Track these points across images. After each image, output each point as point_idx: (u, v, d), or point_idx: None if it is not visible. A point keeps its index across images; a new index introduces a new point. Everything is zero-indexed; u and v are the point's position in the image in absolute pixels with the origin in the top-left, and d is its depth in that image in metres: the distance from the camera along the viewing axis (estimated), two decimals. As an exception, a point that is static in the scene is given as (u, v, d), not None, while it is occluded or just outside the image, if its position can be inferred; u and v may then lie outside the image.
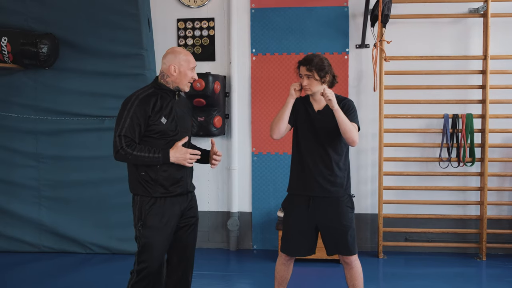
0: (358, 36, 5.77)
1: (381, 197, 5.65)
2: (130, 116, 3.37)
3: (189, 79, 3.53)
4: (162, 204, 3.45)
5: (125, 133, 3.36)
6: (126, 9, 5.47)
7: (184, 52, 3.57)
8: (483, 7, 5.48)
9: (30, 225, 5.86)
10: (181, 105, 3.61)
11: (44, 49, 5.49)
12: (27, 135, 5.83)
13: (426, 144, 5.73)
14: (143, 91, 3.50)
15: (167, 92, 3.52)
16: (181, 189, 3.51)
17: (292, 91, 3.66)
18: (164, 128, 3.43)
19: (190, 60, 3.54)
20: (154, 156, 3.36)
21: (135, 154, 3.35)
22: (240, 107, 5.98)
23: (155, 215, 3.44)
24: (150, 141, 3.43)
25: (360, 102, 5.74)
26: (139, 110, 3.37)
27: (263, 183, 5.96)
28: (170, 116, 3.46)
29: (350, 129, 3.57)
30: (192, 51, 5.96)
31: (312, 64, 3.60)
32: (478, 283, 5.12)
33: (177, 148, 3.41)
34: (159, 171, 3.42)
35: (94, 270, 5.39)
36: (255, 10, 5.90)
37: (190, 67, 3.53)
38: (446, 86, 5.67)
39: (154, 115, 3.40)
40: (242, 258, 5.81)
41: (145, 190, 3.45)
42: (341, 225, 3.70)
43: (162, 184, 3.44)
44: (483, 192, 5.58)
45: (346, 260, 3.76)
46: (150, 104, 3.40)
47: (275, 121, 3.71)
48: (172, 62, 3.48)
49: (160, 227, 3.44)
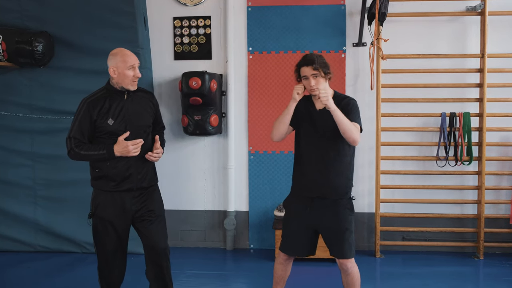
0: (355, 34, 5.75)
1: (378, 196, 5.64)
2: (79, 120, 3.65)
3: (131, 78, 3.68)
4: (111, 197, 3.72)
5: (74, 135, 3.66)
6: (122, 7, 5.46)
7: (121, 53, 3.68)
8: (481, 5, 5.47)
9: (26, 225, 5.84)
10: (135, 103, 3.74)
11: (39, 47, 5.47)
12: (22, 134, 5.81)
13: (423, 143, 5.72)
14: (94, 94, 3.74)
15: (116, 93, 3.70)
16: (129, 185, 3.71)
17: (295, 95, 3.63)
18: (112, 128, 3.64)
19: (126, 60, 3.65)
20: (100, 153, 3.62)
21: (83, 153, 3.65)
22: (237, 105, 5.96)
23: (104, 207, 3.73)
24: (102, 141, 3.67)
25: (357, 101, 5.69)
26: (85, 115, 3.63)
27: (260, 182, 5.94)
28: (119, 116, 3.65)
29: (349, 128, 3.53)
30: (188, 50, 5.94)
31: (317, 62, 3.58)
32: (476, 282, 5.11)
33: (118, 143, 3.61)
34: (109, 168, 3.67)
35: (90, 269, 5.34)
36: (252, 8, 5.87)
37: (127, 67, 3.65)
38: (444, 84, 5.66)
39: (100, 118, 3.64)
40: (238, 257, 5.79)
41: (98, 184, 3.77)
42: (339, 228, 3.66)
43: (113, 179, 3.69)
44: (481, 191, 5.57)
45: (343, 266, 3.69)
46: (96, 108, 3.63)
47: (276, 124, 3.70)
48: (111, 65, 3.67)
49: (107, 218, 3.72)
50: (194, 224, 6.09)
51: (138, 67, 3.73)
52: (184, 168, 6.01)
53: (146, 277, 3.93)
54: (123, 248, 3.85)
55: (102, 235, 3.77)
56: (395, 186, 5.77)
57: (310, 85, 3.60)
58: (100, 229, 3.77)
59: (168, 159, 5.73)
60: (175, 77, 5.92)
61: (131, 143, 3.60)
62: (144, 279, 3.97)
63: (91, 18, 5.57)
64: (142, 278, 4.03)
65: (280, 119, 3.68)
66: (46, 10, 5.62)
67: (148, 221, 3.79)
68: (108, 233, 3.75)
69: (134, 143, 3.61)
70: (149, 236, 3.79)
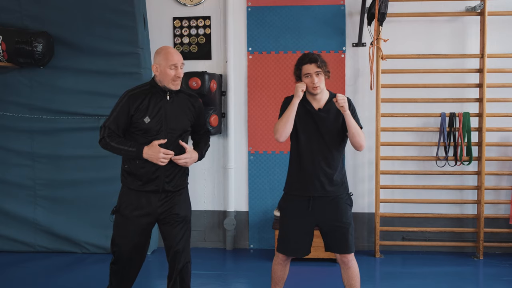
0: (354, 34, 5.75)
1: (378, 196, 5.64)
2: (117, 111, 3.61)
3: (171, 77, 3.61)
4: (136, 196, 3.67)
5: (109, 125, 3.61)
6: (122, 7, 5.45)
7: (165, 51, 3.64)
8: (480, 5, 5.47)
9: (25, 225, 5.83)
10: (175, 105, 3.68)
11: (39, 47, 5.46)
12: (22, 134, 5.80)
13: (423, 143, 5.72)
14: (137, 88, 3.69)
15: (159, 91, 3.65)
16: (154, 187, 3.65)
17: (299, 92, 3.64)
18: (146, 127, 3.58)
19: (168, 58, 3.60)
20: (129, 149, 3.57)
21: (113, 145, 3.59)
22: (237, 106, 5.96)
23: (128, 205, 3.68)
24: (135, 137, 3.63)
25: (356, 101, 5.72)
26: (124, 107, 3.59)
27: (259, 182, 5.94)
28: (157, 116, 3.60)
29: (359, 133, 3.62)
30: (188, 50, 5.94)
31: (320, 60, 3.63)
32: (475, 282, 5.11)
33: (151, 146, 3.56)
34: (138, 166, 3.62)
35: (89, 269, 5.37)
36: (252, 8, 5.87)
37: (168, 65, 3.59)
38: (443, 84, 5.66)
39: (137, 114, 3.58)
40: (238, 257, 5.79)
41: (126, 181, 3.72)
42: (342, 223, 3.70)
43: (139, 178, 3.65)
44: (480, 191, 5.57)
45: (344, 259, 3.75)
46: (135, 103, 3.58)
47: (281, 124, 3.67)
48: (154, 62, 3.65)
49: (130, 216, 3.67)
50: (194, 224, 6.01)
51: (182, 67, 3.66)
52: (184, 168, 6.00)
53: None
54: (141, 248, 3.79)
55: (122, 232, 3.71)
56: (395, 186, 5.77)
57: (313, 83, 3.62)
58: (121, 227, 3.72)
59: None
60: (175, 77, 5.91)
61: (163, 151, 3.54)
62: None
63: (91, 18, 5.56)
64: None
65: (286, 118, 3.66)
66: (46, 10, 5.62)
67: (171, 224, 3.72)
68: (128, 231, 3.69)
69: (166, 152, 3.55)
70: (169, 237, 3.73)
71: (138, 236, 3.71)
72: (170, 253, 3.75)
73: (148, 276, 5.01)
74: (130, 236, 3.69)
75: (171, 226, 3.72)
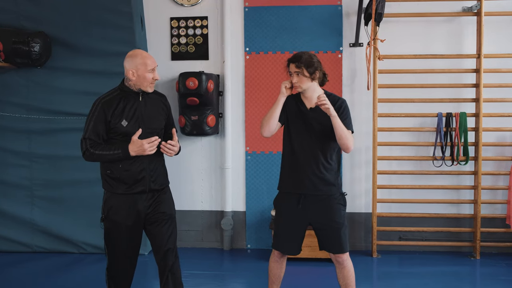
0: (351, 34, 5.76)
1: (375, 196, 5.64)
2: (93, 120, 3.60)
3: (149, 81, 3.64)
4: (124, 200, 3.64)
5: (89, 136, 3.60)
6: (119, 8, 5.45)
7: (142, 55, 3.63)
8: (477, 5, 5.49)
9: (23, 225, 5.83)
10: (149, 105, 3.71)
11: (36, 47, 5.46)
12: (20, 135, 5.80)
13: (420, 143, 5.73)
14: (108, 94, 3.68)
15: (131, 94, 3.66)
16: (141, 188, 3.65)
17: (283, 89, 3.67)
18: (125, 130, 3.59)
19: (147, 63, 3.61)
20: (115, 152, 3.56)
21: (97, 153, 3.58)
22: (234, 106, 5.96)
23: (117, 210, 3.65)
24: (115, 142, 3.62)
25: (353, 101, 5.74)
26: (99, 115, 3.58)
27: (257, 182, 5.94)
28: (133, 118, 3.61)
29: (346, 136, 3.59)
30: (185, 50, 5.95)
31: (301, 60, 3.61)
32: (472, 281, 5.12)
33: (133, 142, 3.55)
34: (121, 170, 3.61)
35: (87, 270, 5.37)
36: (249, 8, 5.88)
37: (147, 70, 3.60)
38: (440, 84, 5.67)
39: (114, 119, 3.58)
40: (236, 257, 5.79)
41: (110, 187, 3.67)
42: (334, 223, 3.70)
43: (125, 182, 3.62)
44: (477, 191, 5.59)
45: (338, 259, 3.75)
46: (111, 109, 3.58)
47: (266, 119, 3.71)
48: (130, 67, 3.60)
49: (120, 221, 3.65)
50: (191, 224, 6.09)
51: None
52: (181, 168, 6.01)
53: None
54: (135, 250, 3.80)
55: (115, 238, 3.70)
56: (392, 186, 5.78)
57: (292, 82, 3.65)
58: (113, 232, 3.69)
59: (165, 159, 5.71)
60: (172, 78, 5.92)
61: (146, 141, 3.53)
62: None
63: (88, 19, 5.56)
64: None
65: (270, 114, 3.69)
66: (43, 10, 5.61)
67: (159, 223, 3.73)
68: (121, 236, 3.68)
69: (149, 141, 3.54)
70: (158, 237, 3.74)
71: (130, 239, 3.72)
72: (160, 252, 3.75)
73: (145, 276, 5.02)
74: (123, 240, 3.69)
75: (159, 225, 3.73)
